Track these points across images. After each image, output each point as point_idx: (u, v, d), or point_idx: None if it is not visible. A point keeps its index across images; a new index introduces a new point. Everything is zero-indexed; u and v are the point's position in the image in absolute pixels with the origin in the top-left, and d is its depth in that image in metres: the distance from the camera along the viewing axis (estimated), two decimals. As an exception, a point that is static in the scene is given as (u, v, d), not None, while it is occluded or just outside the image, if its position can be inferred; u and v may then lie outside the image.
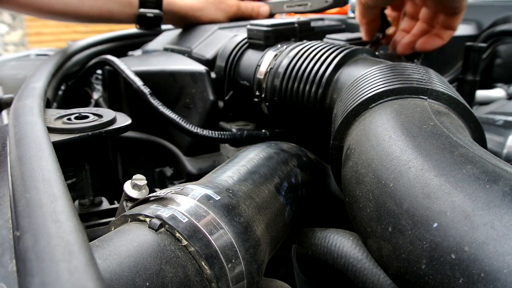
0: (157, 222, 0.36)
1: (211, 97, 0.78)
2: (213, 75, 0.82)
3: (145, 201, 0.41)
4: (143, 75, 0.78)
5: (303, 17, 0.89)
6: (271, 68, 0.72)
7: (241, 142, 0.75)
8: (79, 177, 0.61)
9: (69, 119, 0.57)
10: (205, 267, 0.35)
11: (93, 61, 0.92)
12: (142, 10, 0.98)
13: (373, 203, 0.36)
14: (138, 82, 0.75)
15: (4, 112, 0.69)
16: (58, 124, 0.55)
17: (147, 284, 0.31)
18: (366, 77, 0.52)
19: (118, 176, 0.92)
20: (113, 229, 0.39)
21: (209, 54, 0.87)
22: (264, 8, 1.11)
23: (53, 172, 0.33)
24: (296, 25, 0.81)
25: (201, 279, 0.35)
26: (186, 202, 0.39)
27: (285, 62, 0.69)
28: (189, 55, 0.92)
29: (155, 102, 0.73)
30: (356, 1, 0.73)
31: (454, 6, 0.66)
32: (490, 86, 1.19)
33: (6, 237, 0.28)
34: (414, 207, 0.32)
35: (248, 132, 0.75)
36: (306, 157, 0.60)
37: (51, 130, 0.52)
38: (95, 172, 0.62)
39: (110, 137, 0.56)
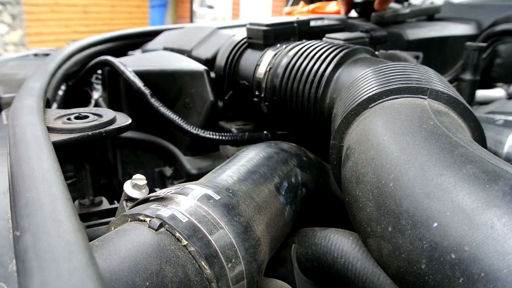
0: (157, 222, 0.36)
1: (211, 96, 0.78)
2: (212, 74, 0.82)
3: (145, 201, 0.41)
4: (143, 75, 0.78)
5: (302, 17, 0.89)
6: (270, 68, 0.72)
7: (242, 143, 0.75)
8: (79, 177, 0.61)
9: (69, 119, 0.57)
10: (205, 266, 0.35)
11: (94, 61, 0.92)
12: None
13: (373, 202, 0.36)
14: (139, 83, 0.75)
15: (4, 112, 0.69)
16: (58, 124, 0.55)
17: (147, 284, 0.31)
18: (365, 77, 0.52)
19: (118, 176, 0.92)
20: (113, 229, 0.39)
21: (208, 54, 0.87)
22: None
23: (53, 172, 0.33)
24: (295, 24, 0.81)
25: (201, 278, 0.35)
26: (186, 202, 0.39)
27: (284, 62, 0.69)
28: (189, 54, 0.91)
29: (156, 103, 0.73)
30: None
31: None
32: (490, 86, 1.19)
33: (6, 237, 0.28)
34: (414, 206, 0.32)
35: (249, 134, 0.75)
36: (306, 157, 0.60)
37: (51, 130, 0.52)
38: (95, 172, 0.62)
39: (110, 137, 0.56)
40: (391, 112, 0.42)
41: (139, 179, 0.46)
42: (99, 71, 1.04)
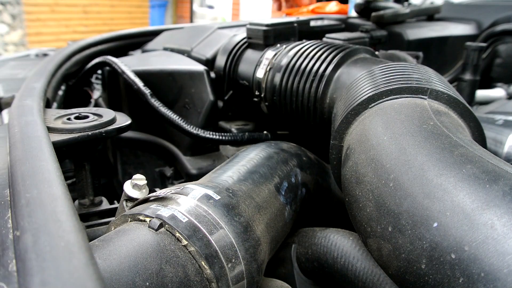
0: (157, 222, 0.36)
1: (211, 96, 0.78)
2: (212, 74, 0.83)
3: (145, 201, 0.41)
4: (143, 75, 0.78)
5: (302, 17, 0.89)
6: (270, 68, 0.72)
7: (242, 143, 0.75)
8: (79, 177, 0.61)
9: (69, 119, 0.57)
10: (205, 266, 0.35)
11: (94, 61, 0.92)
12: None
13: (373, 202, 0.36)
14: (139, 83, 0.75)
15: (4, 112, 0.69)
16: (58, 124, 0.55)
17: (147, 284, 0.31)
18: (365, 77, 0.52)
19: (118, 176, 0.92)
20: (113, 229, 0.39)
21: (208, 54, 0.87)
22: None
23: (53, 172, 0.33)
24: (295, 24, 0.81)
25: (201, 279, 0.35)
26: (186, 202, 0.39)
27: (284, 62, 0.69)
28: (189, 54, 0.92)
29: (156, 103, 0.73)
30: None
31: None
32: (490, 86, 1.19)
33: (6, 237, 0.28)
34: (414, 206, 0.32)
35: (249, 134, 0.75)
36: (306, 157, 0.60)
37: (51, 130, 0.52)
38: (95, 172, 0.62)
39: (110, 137, 0.56)
40: (391, 112, 0.42)
41: (139, 179, 0.46)
42: (99, 71, 1.04)
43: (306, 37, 0.82)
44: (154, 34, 1.17)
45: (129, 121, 0.59)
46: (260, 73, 0.73)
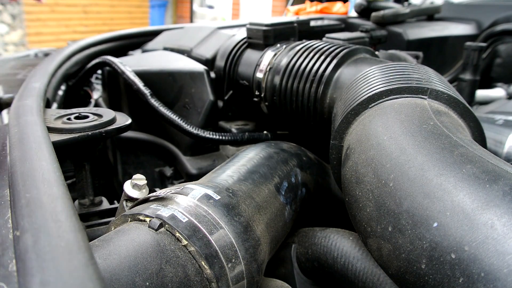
0: (157, 221, 0.36)
1: (211, 96, 0.78)
2: (212, 74, 0.83)
3: (145, 201, 0.41)
4: (143, 75, 0.78)
5: (302, 17, 0.89)
6: (270, 68, 0.72)
7: (242, 143, 0.75)
8: (79, 177, 0.61)
9: (69, 119, 0.57)
10: (205, 266, 0.35)
11: (94, 61, 0.92)
12: None
13: (373, 202, 0.36)
14: (139, 83, 0.75)
15: (4, 112, 0.69)
16: (58, 124, 0.55)
17: (147, 283, 0.31)
18: (365, 77, 0.52)
19: (118, 176, 0.92)
20: (113, 228, 0.39)
21: (208, 54, 0.87)
22: None
23: (53, 172, 0.33)
24: (295, 24, 0.81)
25: (201, 278, 0.35)
26: (186, 201, 0.39)
27: (284, 62, 0.69)
28: (189, 54, 0.92)
29: (156, 103, 0.73)
30: None
31: None
32: (490, 86, 1.19)
33: (6, 237, 0.28)
34: (414, 206, 0.32)
35: (249, 134, 0.75)
36: (306, 157, 0.60)
37: (51, 130, 0.52)
38: (95, 172, 0.62)
39: (110, 137, 0.56)
40: (391, 112, 0.42)
41: (139, 179, 0.46)
42: (99, 71, 1.04)
43: (306, 37, 0.82)
44: (154, 34, 1.17)
45: (129, 121, 0.59)
46: (260, 73, 0.73)
